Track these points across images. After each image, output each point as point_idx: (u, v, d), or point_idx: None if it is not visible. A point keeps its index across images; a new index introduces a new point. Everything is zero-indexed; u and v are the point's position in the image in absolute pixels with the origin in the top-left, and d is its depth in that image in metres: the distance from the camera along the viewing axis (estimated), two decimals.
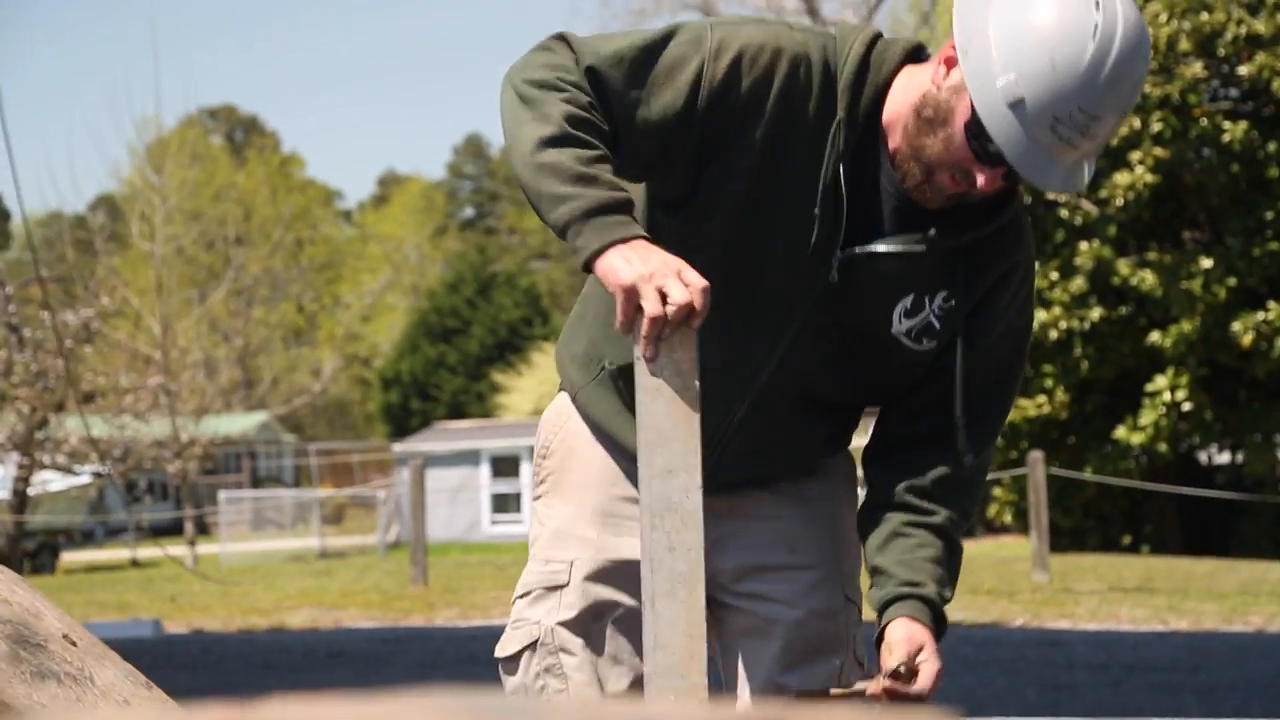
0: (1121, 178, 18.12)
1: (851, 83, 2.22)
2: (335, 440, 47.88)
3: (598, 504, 2.44)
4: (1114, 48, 2.09)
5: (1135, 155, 18.14)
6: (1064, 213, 18.91)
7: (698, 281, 2.03)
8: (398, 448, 33.13)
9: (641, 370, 2.05)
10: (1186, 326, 17.90)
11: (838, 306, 2.28)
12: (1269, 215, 18.16)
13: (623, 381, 2.35)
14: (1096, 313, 18.54)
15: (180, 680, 7.95)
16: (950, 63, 2.17)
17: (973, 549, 20.30)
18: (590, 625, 2.41)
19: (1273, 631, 9.13)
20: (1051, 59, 2.08)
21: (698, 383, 2.06)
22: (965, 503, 2.39)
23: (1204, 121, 18.03)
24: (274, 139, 58.71)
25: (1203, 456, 21.39)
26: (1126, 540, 19.81)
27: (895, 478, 2.37)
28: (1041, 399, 19.14)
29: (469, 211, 66.45)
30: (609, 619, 2.42)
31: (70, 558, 27.75)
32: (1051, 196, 18.84)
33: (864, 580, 2.46)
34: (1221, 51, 17.96)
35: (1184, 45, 17.83)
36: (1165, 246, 19.18)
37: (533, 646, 2.43)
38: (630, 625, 2.39)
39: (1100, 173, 18.75)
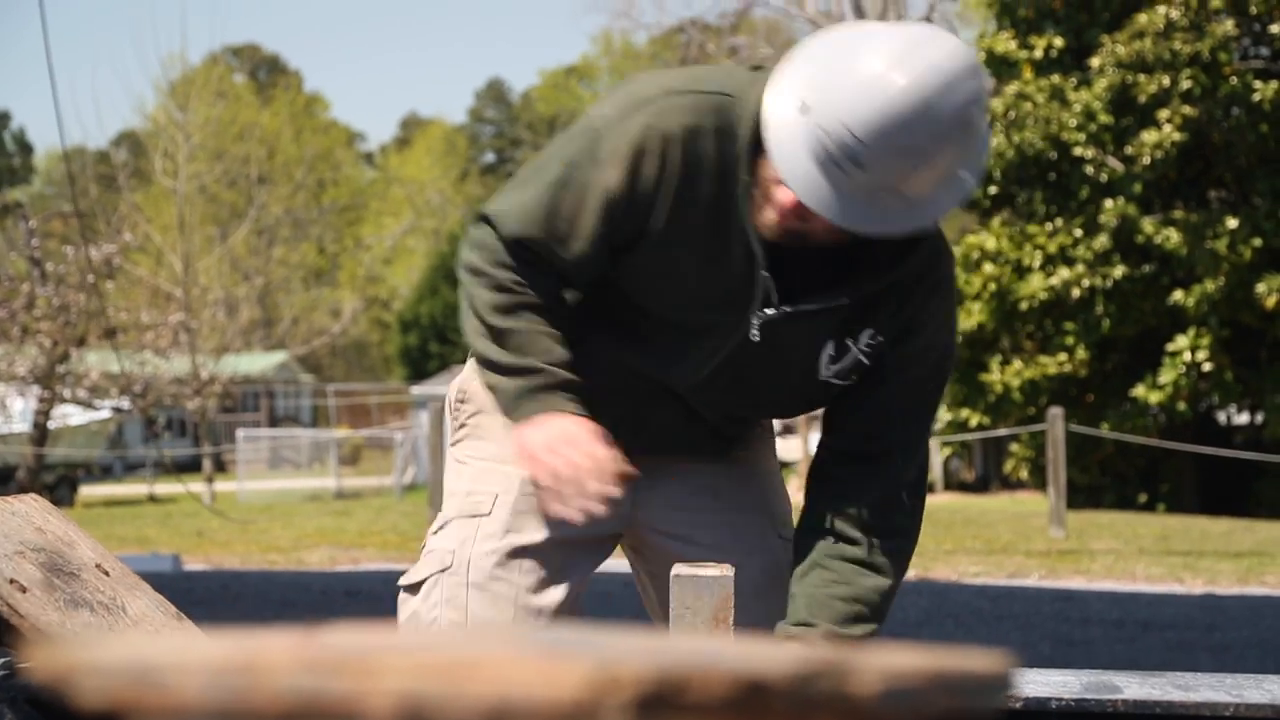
0: (1149, 135, 18.02)
1: (750, 146, 2.17)
2: (353, 381, 48.02)
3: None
4: (910, 91, 1.96)
5: (1163, 113, 18.03)
6: (1089, 169, 18.82)
7: (585, 460, 2.14)
8: (416, 390, 33.25)
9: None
10: (1210, 286, 17.84)
11: (762, 356, 2.29)
12: None
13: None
14: (1119, 270, 18.48)
15: (199, 616, 8.00)
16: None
17: (989, 504, 20.32)
18: (509, 558, 2.37)
19: None
20: (837, 78, 2.00)
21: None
22: (899, 523, 2.37)
23: (1234, 80, 17.91)
24: (297, 79, 58.61)
25: (1221, 416, 21.37)
26: (1143, 498, 19.82)
27: (827, 501, 2.36)
28: (1062, 356, 19.11)
29: (490, 156, 66.38)
30: (530, 552, 2.38)
31: (88, 491, 27.90)
32: (1078, 152, 18.74)
33: None
34: (1253, 9, 17.83)
35: (1215, 3, 17.70)
36: (1191, 205, 19.10)
37: (440, 574, 2.39)
38: (551, 559, 2.38)
39: (1127, 130, 18.66)
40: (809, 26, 38.89)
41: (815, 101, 2.02)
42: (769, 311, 2.24)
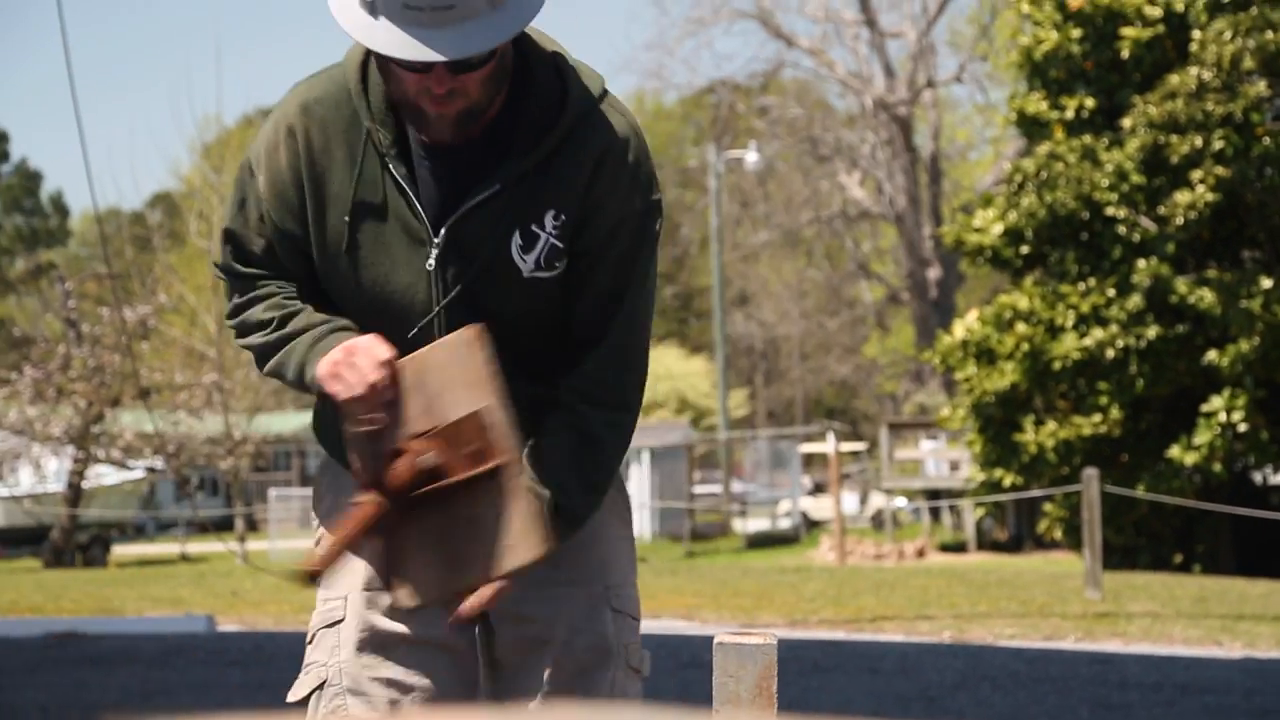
0: (1182, 196, 18.00)
1: (360, 90, 2.34)
2: None
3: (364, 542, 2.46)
4: None
5: (1196, 174, 18.02)
6: (1121, 229, 18.81)
7: (366, 366, 2.25)
8: None
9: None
10: (1245, 346, 17.76)
11: (465, 283, 2.35)
12: None
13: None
14: (1153, 331, 18.42)
15: (233, 677, 8.01)
16: None
17: (1023, 564, 20.21)
18: (372, 656, 2.41)
19: None
20: None
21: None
22: (615, 391, 2.42)
23: (1266, 141, 17.90)
24: None
25: (1257, 477, 21.22)
26: (1178, 559, 19.67)
27: (567, 380, 2.43)
28: (1097, 416, 19.03)
29: None
30: (390, 646, 2.41)
31: (121, 551, 27.98)
32: (1111, 212, 18.73)
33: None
34: None
35: (1248, 64, 17.71)
36: (1224, 265, 19.05)
37: (320, 688, 2.42)
38: (413, 648, 2.41)
39: (1160, 190, 18.65)
40: (839, 87, 39.08)
41: None
42: (436, 236, 2.32)
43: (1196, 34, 18.57)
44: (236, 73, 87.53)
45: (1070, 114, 19.84)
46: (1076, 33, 19.83)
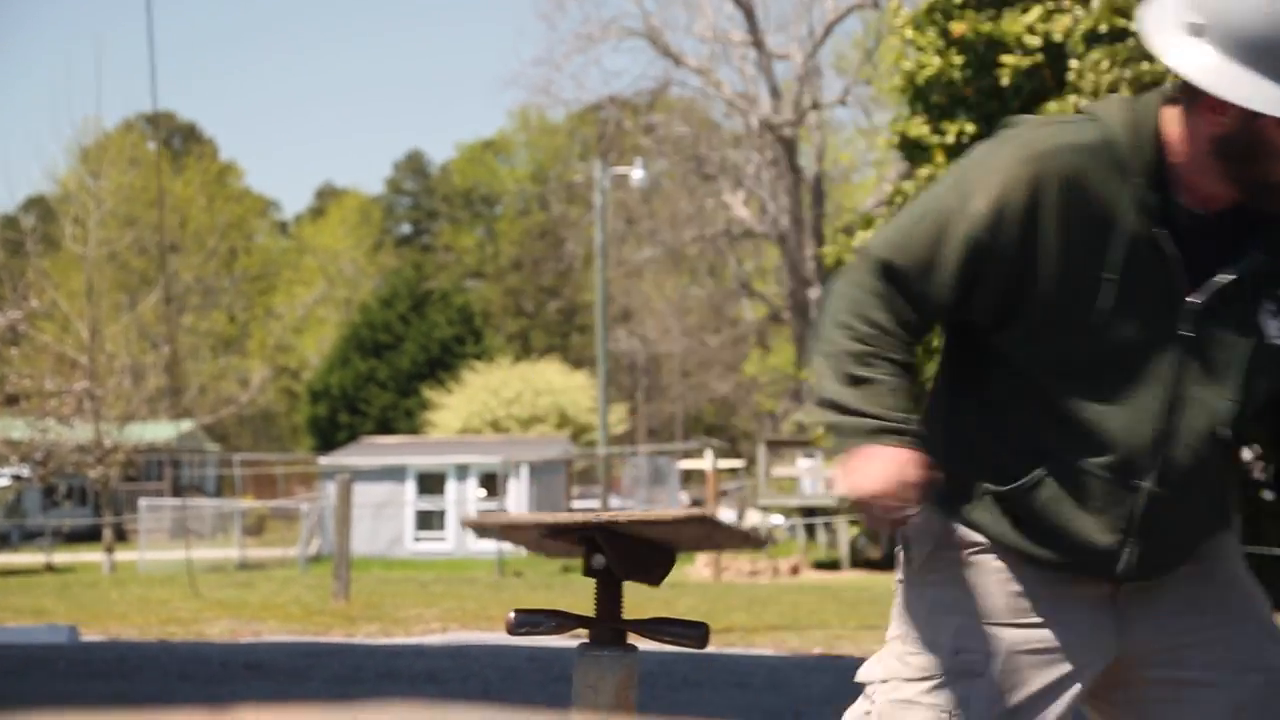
0: None
1: (1133, 154, 2.27)
2: (260, 451, 47.52)
3: (1007, 601, 2.43)
4: None
5: None
6: None
7: (889, 478, 2.29)
8: (323, 461, 32.95)
9: None
10: None
11: (1207, 349, 2.31)
12: None
13: (1012, 503, 2.40)
14: None
15: (96, 688, 7.85)
16: (1214, 108, 2.21)
17: (894, 582, 20.32)
18: (1009, 717, 2.39)
19: None
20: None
21: None
22: None
23: None
24: (211, 147, 58.33)
25: None
26: None
27: None
28: None
29: (406, 228, 66.27)
30: (1026, 711, 2.39)
31: None
32: None
33: None
34: None
35: (1124, 94, 18.09)
36: None
37: None
38: (1048, 715, 2.39)
39: None
40: (725, 106, 39.30)
41: (1206, 19, 2.17)
42: (1192, 301, 2.28)
43: (1074, 64, 18.93)
44: (116, 75, 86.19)
45: (951, 139, 20.11)
46: (958, 59, 20.13)
